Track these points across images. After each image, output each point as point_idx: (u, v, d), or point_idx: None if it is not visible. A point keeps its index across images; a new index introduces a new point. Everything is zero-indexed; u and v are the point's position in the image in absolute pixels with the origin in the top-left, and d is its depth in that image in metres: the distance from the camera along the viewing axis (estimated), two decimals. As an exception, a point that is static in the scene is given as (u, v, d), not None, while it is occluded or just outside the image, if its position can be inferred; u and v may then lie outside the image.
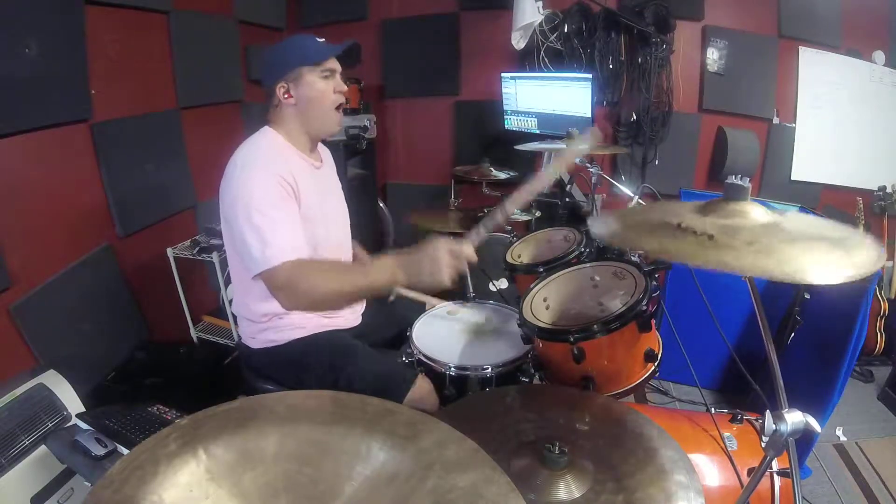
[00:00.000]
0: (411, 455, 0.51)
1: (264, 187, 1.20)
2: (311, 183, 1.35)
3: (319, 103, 1.33)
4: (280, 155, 1.31)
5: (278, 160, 1.28)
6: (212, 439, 0.51)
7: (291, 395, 0.59)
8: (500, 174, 2.10)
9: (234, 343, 2.16)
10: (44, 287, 1.75)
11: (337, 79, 1.35)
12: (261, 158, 1.27)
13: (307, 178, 1.34)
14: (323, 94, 1.33)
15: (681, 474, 0.85)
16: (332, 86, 1.34)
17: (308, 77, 1.30)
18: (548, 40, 2.81)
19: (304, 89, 1.31)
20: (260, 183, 1.20)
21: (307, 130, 1.38)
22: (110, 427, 1.27)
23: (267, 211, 1.17)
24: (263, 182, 1.20)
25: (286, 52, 1.33)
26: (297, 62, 1.29)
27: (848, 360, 1.63)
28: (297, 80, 1.30)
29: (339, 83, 1.35)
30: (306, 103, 1.32)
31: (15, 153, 1.66)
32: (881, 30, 2.81)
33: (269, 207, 1.18)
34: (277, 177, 1.21)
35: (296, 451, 0.52)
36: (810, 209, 2.14)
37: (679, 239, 0.74)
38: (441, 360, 1.40)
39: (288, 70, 1.29)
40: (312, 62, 1.30)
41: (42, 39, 1.67)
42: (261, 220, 1.15)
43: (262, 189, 1.19)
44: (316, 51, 1.31)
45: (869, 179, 2.84)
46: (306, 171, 1.37)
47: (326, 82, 1.33)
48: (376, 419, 0.55)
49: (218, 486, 0.48)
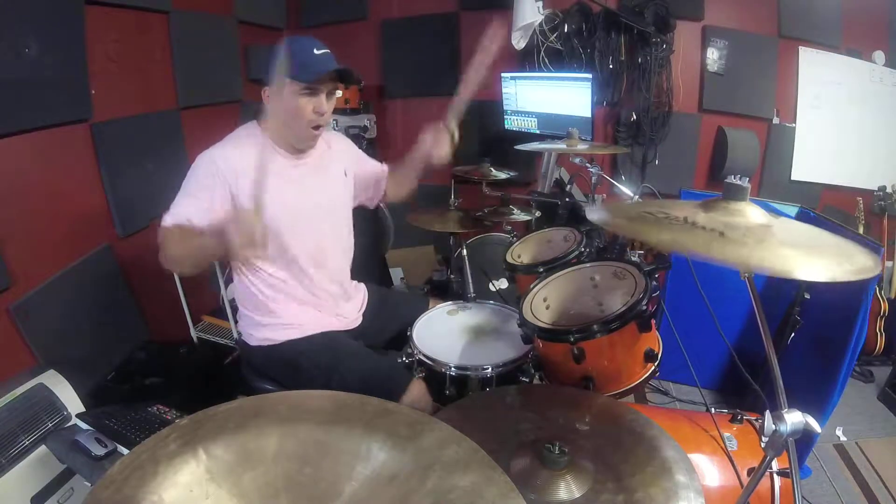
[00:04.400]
0: (411, 455, 0.51)
1: (200, 168, 1.29)
2: (279, 175, 1.34)
3: (294, 119, 1.31)
4: (242, 147, 1.31)
5: (233, 152, 1.30)
6: (212, 439, 0.51)
7: (292, 396, 0.59)
8: (500, 174, 2.10)
9: (234, 339, 2.16)
10: (44, 287, 1.75)
11: (320, 98, 1.31)
12: (219, 145, 1.33)
13: (273, 171, 1.30)
14: (299, 111, 1.30)
15: (681, 474, 0.85)
16: (312, 104, 1.30)
17: (288, 91, 1.27)
18: (548, 40, 2.81)
19: (283, 101, 1.28)
20: (200, 163, 1.29)
21: (284, 137, 1.38)
22: (110, 427, 1.27)
23: (188, 185, 1.28)
24: (202, 164, 1.29)
25: (277, 59, 1.26)
26: (283, 73, 1.24)
27: (848, 360, 1.63)
28: (279, 90, 1.27)
29: (319, 103, 1.31)
30: (283, 114, 1.31)
31: (15, 153, 1.66)
32: (881, 30, 2.81)
33: (191, 183, 1.28)
34: (217, 165, 1.27)
35: (296, 451, 0.52)
36: (810, 209, 2.13)
37: (690, 233, 0.74)
38: (441, 360, 1.40)
39: (273, 78, 1.26)
40: (295, 78, 1.26)
41: (42, 39, 1.66)
42: (180, 192, 1.28)
43: (197, 168, 1.29)
44: (305, 67, 1.26)
45: (869, 179, 2.84)
46: (278, 163, 1.37)
47: (308, 99, 1.29)
48: (376, 419, 0.55)
49: (218, 486, 0.48)
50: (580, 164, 1.97)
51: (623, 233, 1.02)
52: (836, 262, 0.66)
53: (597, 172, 1.88)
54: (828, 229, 0.80)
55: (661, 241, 0.75)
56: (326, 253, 1.50)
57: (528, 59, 2.92)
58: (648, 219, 0.81)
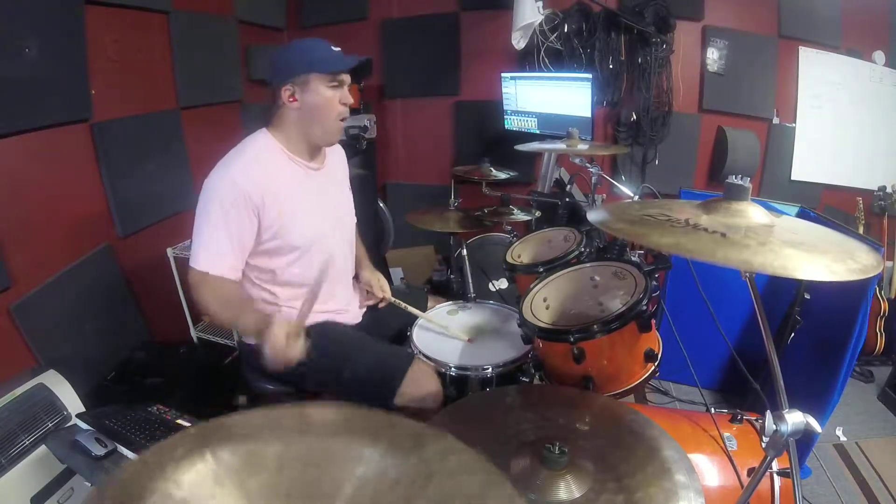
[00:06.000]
0: (414, 463, 0.51)
1: (222, 192, 1.24)
2: (301, 188, 1.36)
3: (324, 112, 1.32)
4: (262, 163, 1.30)
5: (255, 169, 1.28)
6: (219, 444, 0.52)
7: (297, 409, 0.60)
8: (500, 174, 2.10)
9: (235, 342, 2.16)
10: (44, 287, 1.75)
11: (344, 90, 1.34)
12: (237, 163, 1.29)
13: (295, 184, 1.34)
14: (329, 102, 1.31)
15: (681, 474, 0.85)
16: (339, 96, 1.32)
17: (316, 84, 1.29)
18: (548, 40, 2.81)
19: (310, 96, 1.29)
20: (220, 186, 1.24)
21: (307, 137, 1.37)
22: (110, 427, 1.27)
23: (212, 214, 1.23)
24: (223, 186, 1.24)
25: (297, 56, 1.30)
26: (307, 68, 1.27)
27: (848, 360, 1.63)
28: (304, 86, 1.28)
29: (345, 95, 1.34)
30: (310, 110, 1.31)
31: (15, 153, 1.66)
32: (881, 30, 2.81)
33: (216, 211, 1.23)
34: (239, 187, 1.24)
35: (300, 458, 0.52)
36: (810, 209, 2.13)
37: (692, 236, 0.74)
38: (441, 360, 1.40)
39: (296, 74, 1.28)
40: (323, 70, 1.28)
41: (42, 39, 1.67)
42: (205, 220, 1.24)
43: (219, 193, 1.24)
44: (329, 60, 1.29)
45: (869, 179, 2.84)
46: (298, 176, 1.37)
47: (334, 92, 1.31)
48: (381, 432, 0.55)
49: (223, 489, 0.48)
50: (580, 164, 1.96)
51: (625, 236, 1.02)
52: (839, 261, 0.66)
53: (597, 172, 1.88)
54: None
55: (663, 244, 0.74)
56: (337, 262, 1.51)
57: (528, 59, 2.92)
58: (650, 222, 0.81)
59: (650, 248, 1.06)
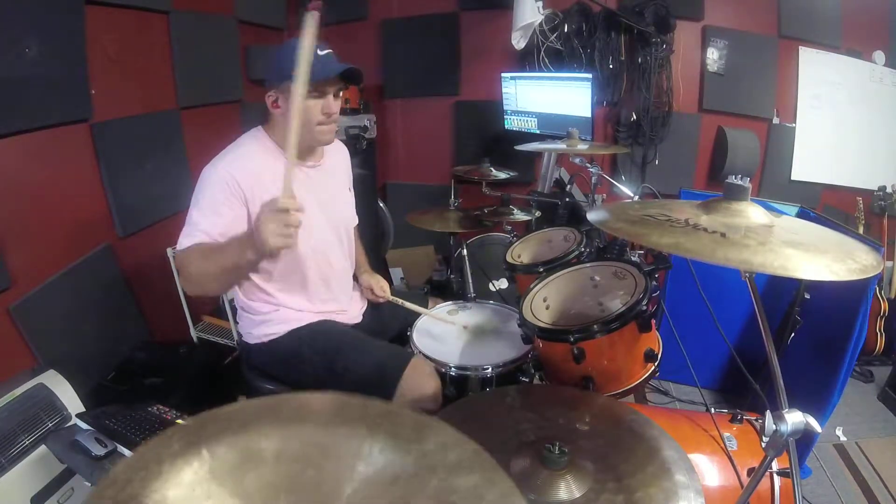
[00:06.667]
0: (413, 457, 0.51)
1: (212, 183, 1.25)
2: (298, 184, 1.30)
3: (302, 122, 1.28)
4: (254, 157, 1.30)
5: (246, 161, 1.28)
6: (215, 440, 0.51)
7: (294, 397, 0.59)
8: (500, 174, 2.10)
9: (235, 342, 2.16)
10: (44, 287, 1.75)
11: (328, 99, 1.30)
12: (228, 156, 1.30)
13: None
14: (306, 113, 1.28)
15: (681, 474, 0.85)
16: (321, 105, 1.30)
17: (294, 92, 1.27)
18: (548, 40, 2.81)
19: (289, 104, 1.24)
20: (212, 176, 1.25)
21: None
22: (110, 427, 1.27)
23: (202, 202, 1.23)
24: (215, 176, 1.25)
25: (282, 60, 1.26)
26: (288, 74, 1.19)
27: (848, 360, 1.63)
28: (285, 93, 1.25)
29: (328, 104, 1.30)
30: (290, 118, 1.30)
31: (15, 153, 1.66)
32: (881, 30, 2.81)
33: (205, 199, 1.23)
34: (229, 177, 1.24)
35: (298, 452, 0.52)
36: (810, 209, 2.13)
37: (692, 236, 0.74)
38: (441, 360, 1.40)
39: (279, 80, 1.26)
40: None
41: (42, 39, 1.66)
42: (194, 208, 1.23)
43: (210, 182, 1.25)
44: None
45: (869, 179, 2.84)
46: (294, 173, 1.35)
47: (315, 101, 1.28)
48: (379, 421, 0.55)
49: (220, 486, 0.48)
50: (580, 164, 1.97)
51: (625, 236, 1.02)
52: (839, 261, 0.66)
53: (597, 172, 1.88)
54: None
55: (663, 244, 0.74)
56: (333, 260, 1.50)
57: (528, 59, 2.92)
58: (650, 222, 0.81)
59: (650, 248, 1.06)
